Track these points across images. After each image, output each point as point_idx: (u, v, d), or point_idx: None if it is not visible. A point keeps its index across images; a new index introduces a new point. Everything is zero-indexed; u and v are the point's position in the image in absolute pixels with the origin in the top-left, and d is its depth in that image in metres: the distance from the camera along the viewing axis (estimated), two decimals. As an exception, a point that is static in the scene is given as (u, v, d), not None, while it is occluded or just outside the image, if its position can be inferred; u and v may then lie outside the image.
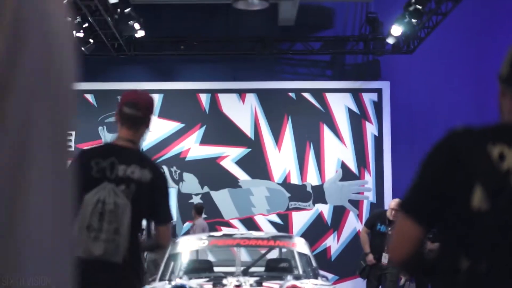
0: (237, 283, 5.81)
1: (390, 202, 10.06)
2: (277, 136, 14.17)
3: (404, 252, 1.95)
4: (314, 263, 7.01)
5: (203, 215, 13.48)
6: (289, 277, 6.00)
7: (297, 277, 6.37)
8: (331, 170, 14.14)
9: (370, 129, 14.24)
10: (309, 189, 14.05)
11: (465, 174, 1.84)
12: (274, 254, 7.99)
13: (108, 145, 3.92)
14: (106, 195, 3.57)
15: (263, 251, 7.70)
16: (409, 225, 1.93)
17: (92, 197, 3.57)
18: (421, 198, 1.96)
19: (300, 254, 7.47)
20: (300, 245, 7.23)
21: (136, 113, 3.76)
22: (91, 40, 12.68)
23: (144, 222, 3.87)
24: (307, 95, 14.30)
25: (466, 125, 1.94)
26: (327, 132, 14.20)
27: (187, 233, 12.49)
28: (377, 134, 14.21)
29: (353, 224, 13.96)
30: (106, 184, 3.59)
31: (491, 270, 1.80)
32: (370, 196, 14.09)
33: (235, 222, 13.81)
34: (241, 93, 14.32)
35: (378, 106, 14.30)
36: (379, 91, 14.36)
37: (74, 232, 3.51)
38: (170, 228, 3.91)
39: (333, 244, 13.94)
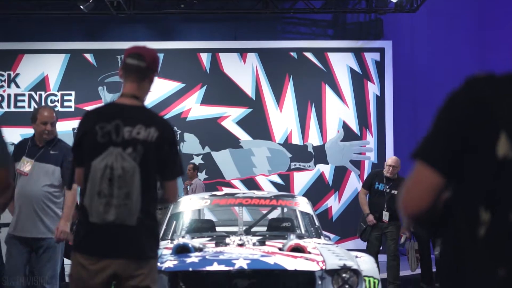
0: (240, 242, 5.78)
1: (387, 160, 10.02)
2: (278, 96, 14.10)
3: (423, 204, 1.82)
4: (317, 223, 6.97)
5: (204, 175, 13.51)
6: (292, 236, 5.97)
7: (300, 236, 6.35)
8: (333, 130, 14.10)
9: (372, 89, 14.16)
10: (310, 149, 14.01)
11: (489, 120, 1.74)
12: (276, 214, 7.96)
13: (112, 106, 3.82)
14: (113, 160, 3.51)
15: (265, 211, 7.67)
16: (429, 174, 1.81)
17: (100, 163, 3.52)
18: (441, 145, 1.83)
19: (303, 213, 7.44)
20: (303, 204, 7.19)
21: (140, 64, 3.70)
22: (90, -1, 12.53)
23: None
24: (308, 55, 14.20)
25: (487, 72, 1.83)
26: (328, 92, 14.13)
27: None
28: (379, 94, 14.14)
29: (354, 184, 13.95)
30: (112, 149, 3.53)
31: None
32: (371, 156, 14.06)
33: (236, 183, 13.80)
34: (242, 52, 14.21)
35: (380, 65, 14.20)
36: (381, 51, 14.25)
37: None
38: (177, 183, 3.85)
39: (334, 204, 13.95)
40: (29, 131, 13.20)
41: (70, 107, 13.91)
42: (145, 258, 3.60)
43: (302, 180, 13.95)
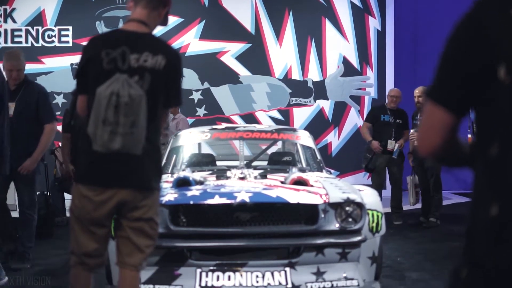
0: (241, 176, 5.73)
1: (388, 91, 10.07)
2: (278, 31, 13.92)
3: (435, 143, 1.78)
4: (318, 156, 6.93)
5: (204, 111, 13.44)
6: (294, 170, 5.92)
7: (302, 170, 6.30)
8: (333, 66, 13.98)
9: (373, 23, 14.00)
10: (310, 84, 13.92)
11: (488, 49, 1.65)
12: (276, 149, 7.91)
13: (118, 32, 3.71)
14: (120, 87, 3.43)
15: (265, 146, 7.62)
16: (438, 112, 1.76)
17: (105, 90, 3.43)
18: (449, 82, 1.75)
19: (304, 147, 7.40)
20: (304, 138, 7.13)
21: None
22: None
23: None
24: (309, -12, 13.98)
25: None
26: (329, 27, 13.96)
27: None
28: (380, 29, 13.99)
29: (354, 120, 13.91)
30: (118, 76, 3.45)
31: None
32: (371, 91, 13.98)
33: (236, 118, 13.74)
34: (241, -14, 13.98)
35: (381, 0, 14.00)
36: (382, -16, 14.05)
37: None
38: (169, 111, 3.80)
39: (334, 140, 13.94)
40: (26, 66, 13.06)
41: (67, 42, 13.74)
42: (150, 189, 3.56)
43: (301, 115, 13.90)
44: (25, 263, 6.56)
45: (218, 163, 7.10)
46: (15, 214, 6.88)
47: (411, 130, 9.22)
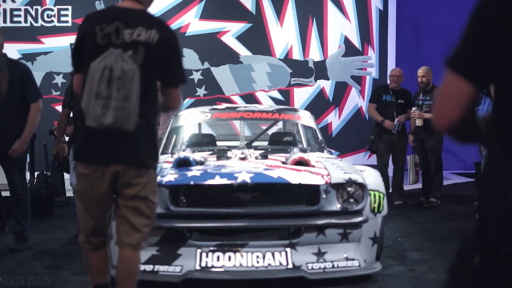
0: (242, 156, 5.70)
1: (390, 71, 10.04)
2: (279, 11, 13.81)
3: (454, 115, 1.70)
4: (320, 136, 6.90)
5: (204, 91, 13.37)
6: (295, 150, 5.89)
7: (303, 150, 6.26)
8: (334, 46, 13.88)
9: (375, 3, 13.89)
10: (311, 64, 13.84)
11: None
12: (277, 130, 7.87)
13: (112, 8, 3.69)
14: (113, 62, 3.42)
15: (265, 127, 7.58)
16: (459, 83, 1.69)
17: (98, 64, 3.43)
18: (472, 51, 1.68)
19: (305, 127, 7.36)
20: (306, 118, 7.09)
21: None
22: None
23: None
24: (310, -33, 13.85)
25: None
26: (330, 6, 13.84)
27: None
28: (381, 8, 13.88)
29: (355, 100, 13.85)
30: (112, 50, 3.45)
31: None
32: (373, 72, 13.90)
33: (236, 98, 13.67)
34: (242, -35, 13.86)
35: (383, -21, 13.91)
36: (384, -37, 13.93)
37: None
38: (179, 91, 3.75)
39: (334, 120, 13.88)
40: (26, 46, 13.03)
41: (67, 22, 13.63)
42: (144, 167, 3.54)
43: (302, 95, 13.82)
44: (24, 243, 6.53)
45: (218, 143, 7.06)
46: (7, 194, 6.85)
47: (413, 108, 9.18)
